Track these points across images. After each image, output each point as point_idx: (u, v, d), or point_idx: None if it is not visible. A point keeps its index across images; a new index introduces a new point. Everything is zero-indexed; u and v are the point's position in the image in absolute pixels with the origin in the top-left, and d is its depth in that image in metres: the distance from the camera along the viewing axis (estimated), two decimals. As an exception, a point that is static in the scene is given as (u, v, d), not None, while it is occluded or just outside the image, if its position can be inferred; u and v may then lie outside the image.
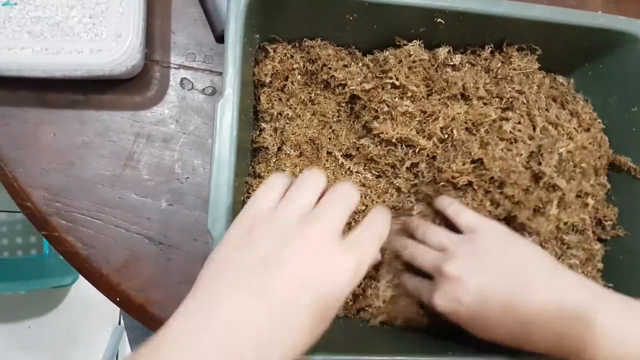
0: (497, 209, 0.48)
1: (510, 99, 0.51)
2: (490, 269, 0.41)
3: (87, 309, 1.39)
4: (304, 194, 0.36)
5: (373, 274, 0.53)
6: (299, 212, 0.35)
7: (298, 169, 0.52)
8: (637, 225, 0.51)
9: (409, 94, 0.51)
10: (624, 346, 0.36)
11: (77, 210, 0.55)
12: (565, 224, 0.50)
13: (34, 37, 0.50)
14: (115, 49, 0.51)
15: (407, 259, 0.48)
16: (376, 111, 0.51)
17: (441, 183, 0.50)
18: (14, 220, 1.28)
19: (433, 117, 0.51)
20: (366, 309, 0.53)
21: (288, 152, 0.53)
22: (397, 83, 0.50)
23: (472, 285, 0.41)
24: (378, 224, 0.37)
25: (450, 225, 0.48)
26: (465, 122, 0.51)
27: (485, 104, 0.51)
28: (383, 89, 0.51)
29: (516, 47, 0.53)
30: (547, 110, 0.52)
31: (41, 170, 0.55)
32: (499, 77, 0.53)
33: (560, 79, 0.56)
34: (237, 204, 0.46)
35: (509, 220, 0.48)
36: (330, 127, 0.54)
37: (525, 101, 0.51)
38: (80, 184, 0.55)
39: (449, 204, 0.48)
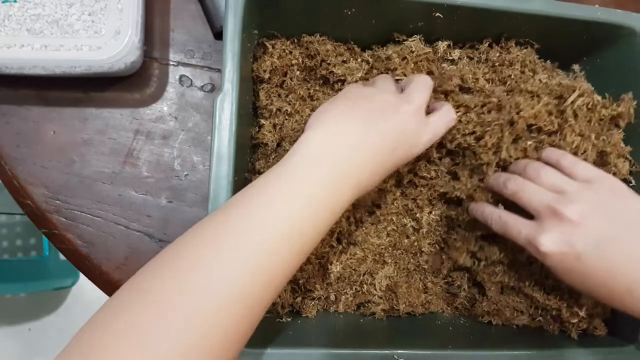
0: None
1: (514, 79, 0.51)
2: (610, 218, 0.40)
3: (88, 311, 1.39)
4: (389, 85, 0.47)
5: (371, 268, 0.53)
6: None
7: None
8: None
9: None
10: None
11: (77, 208, 0.55)
12: None
13: (34, 35, 0.51)
14: (114, 45, 0.51)
15: (508, 194, 0.45)
16: None
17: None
18: (13, 222, 1.28)
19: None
20: (366, 304, 0.53)
21: (287, 148, 0.53)
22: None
23: (591, 229, 0.39)
24: (447, 115, 0.47)
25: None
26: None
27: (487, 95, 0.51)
28: None
29: (514, 41, 0.53)
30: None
31: (41, 168, 0.55)
32: (497, 64, 0.53)
33: (558, 71, 0.56)
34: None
35: None
36: None
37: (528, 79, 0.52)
38: (80, 182, 0.55)
39: (562, 155, 0.45)
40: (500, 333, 0.52)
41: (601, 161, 0.50)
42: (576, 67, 0.56)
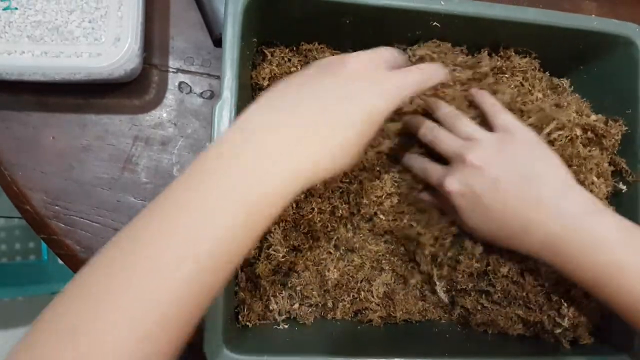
0: None
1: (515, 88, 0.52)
2: (513, 169, 0.43)
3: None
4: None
5: (368, 275, 0.53)
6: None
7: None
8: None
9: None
10: (614, 257, 0.40)
11: (76, 214, 0.55)
12: None
13: (34, 41, 0.51)
14: (114, 52, 0.51)
15: (427, 140, 0.48)
16: None
17: None
18: (12, 225, 1.28)
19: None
20: (363, 311, 0.54)
21: None
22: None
23: (490, 176, 0.43)
24: (419, 71, 0.42)
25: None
26: None
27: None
28: None
29: (513, 50, 0.54)
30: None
31: (41, 173, 0.55)
32: (499, 73, 0.53)
33: (556, 80, 0.57)
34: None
35: None
36: None
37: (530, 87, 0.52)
38: (79, 187, 0.55)
39: (491, 103, 0.49)
40: (496, 342, 0.52)
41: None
42: (565, 82, 0.57)
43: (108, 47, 0.51)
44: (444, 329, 0.54)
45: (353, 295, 0.53)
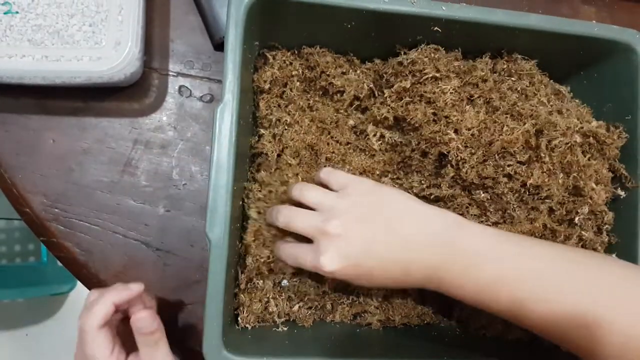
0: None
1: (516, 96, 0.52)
2: (367, 219, 0.44)
3: (85, 317, 1.38)
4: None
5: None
6: None
7: (300, 177, 0.52)
8: (628, 233, 0.51)
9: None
10: (480, 262, 0.42)
11: (75, 216, 0.55)
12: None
13: (35, 45, 0.51)
14: (114, 56, 0.51)
15: (283, 227, 0.47)
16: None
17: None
18: (12, 227, 1.29)
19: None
20: (362, 314, 0.54)
21: (289, 161, 0.53)
22: (437, 75, 0.50)
23: (355, 238, 0.43)
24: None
25: None
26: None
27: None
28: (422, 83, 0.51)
29: (513, 55, 0.54)
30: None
31: (40, 176, 0.55)
32: (505, 75, 0.53)
33: (557, 86, 0.57)
34: (236, 209, 0.46)
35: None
36: (329, 133, 0.54)
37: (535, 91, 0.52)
38: (78, 190, 0.55)
39: (323, 171, 0.50)
40: (495, 345, 0.52)
41: (575, 193, 0.50)
42: (564, 89, 0.56)
43: (108, 50, 0.51)
44: (443, 332, 0.54)
45: (352, 298, 0.53)
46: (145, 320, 0.44)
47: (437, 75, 0.50)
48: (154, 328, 0.45)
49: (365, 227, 0.43)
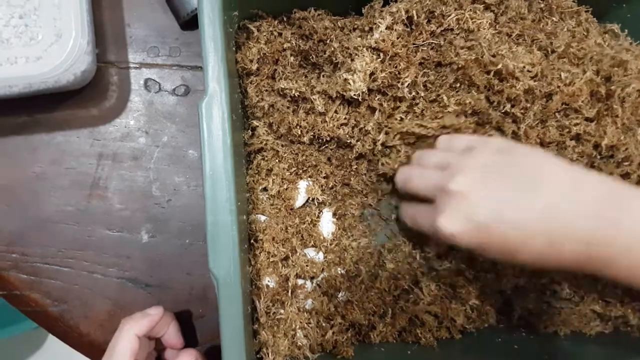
0: None
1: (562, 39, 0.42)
2: (498, 179, 0.36)
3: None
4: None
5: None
6: None
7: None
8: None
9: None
10: None
11: (39, 259, 0.44)
12: None
13: (-51, 51, 0.39)
14: (56, 53, 0.40)
15: (401, 187, 0.42)
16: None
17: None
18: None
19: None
20: (408, 329, 0.44)
21: (285, 154, 0.43)
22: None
23: (483, 198, 0.35)
24: None
25: None
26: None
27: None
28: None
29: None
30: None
31: (-14, 215, 0.44)
32: (545, 14, 0.44)
33: (607, 24, 0.47)
34: (242, 230, 0.36)
35: None
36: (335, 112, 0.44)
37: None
38: (38, 226, 0.45)
39: (443, 138, 0.43)
40: (574, 343, 0.44)
41: None
42: (616, 26, 0.47)
43: (48, 46, 0.40)
44: (509, 338, 0.45)
45: (394, 303, 0.44)
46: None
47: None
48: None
49: (495, 186, 0.36)
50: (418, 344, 0.44)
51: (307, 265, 0.44)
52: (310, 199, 0.47)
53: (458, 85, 0.42)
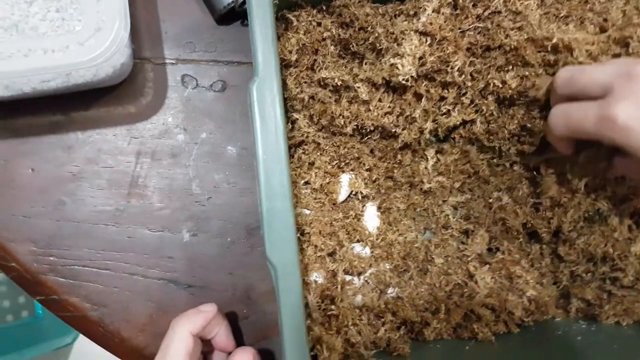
0: None
1: None
2: None
3: (94, 366, 1.26)
4: None
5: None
6: None
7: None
8: None
9: None
10: None
11: (77, 262, 0.43)
12: None
13: (-14, 47, 0.38)
14: (96, 43, 0.39)
15: (564, 84, 0.36)
16: None
17: None
18: (-4, 282, 1.14)
19: None
20: (464, 324, 0.42)
21: (326, 146, 0.42)
22: None
23: None
24: None
25: None
26: None
27: None
28: None
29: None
30: None
31: (23, 218, 0.43)
32: None
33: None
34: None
35: None
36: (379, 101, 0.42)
37: None
38: (75, 228, 0.43)
39: (567, 69, 0.37)
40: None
41: None
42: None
43: (87, 39, 0.39)
44: (571, 329, 0.43)
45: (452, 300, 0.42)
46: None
47: None
48: None
49: None
50: (475, 339, 0.42)
51: (355, 260, 0.42)
52: (353, 192, 0.45)
53: (510, 67, 0.41)
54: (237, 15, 0.46)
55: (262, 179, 0.32)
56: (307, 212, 0.43)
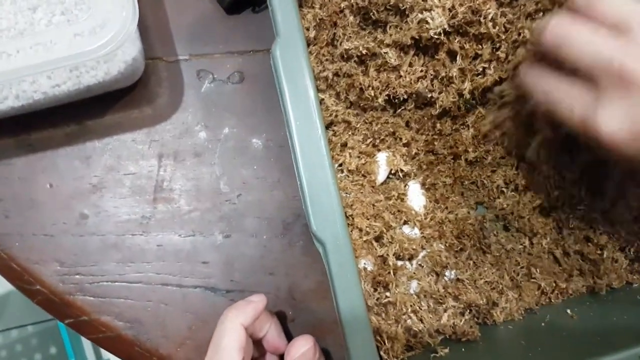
0: None
1: None
2: None
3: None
4: None
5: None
6: None
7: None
8: None
9: None
10: None
11: (105, 278, 0.40)
12: None
13: (-8, 57, 0.36)
14: (102, 33, 0.36)
15: (549, 48, 0.30)
16: None
17: None
18: (26, 335, 1.11)
19: None
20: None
21: (357, 124, 0.39)
22: None
23: None
24: None
25: None
26: None
27: None
28: None
29: None
30: None
31: (44, 237, 0.40)
32: None
33: None
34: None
35: None
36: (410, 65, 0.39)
37: None
38: (101, 242, 0.40)
39: None
40: None
41: None
42: None
43: (93, 30, 0.37)
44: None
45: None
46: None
47: None
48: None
49: None
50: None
51: (405, 242, 0.38)
52: (393, 171, 0.42)
53: (541, 14, 0.38)
54: (247, 3, 0.44)
55: (298, 148, 0.29)
56: (345, 195, 0.39)
